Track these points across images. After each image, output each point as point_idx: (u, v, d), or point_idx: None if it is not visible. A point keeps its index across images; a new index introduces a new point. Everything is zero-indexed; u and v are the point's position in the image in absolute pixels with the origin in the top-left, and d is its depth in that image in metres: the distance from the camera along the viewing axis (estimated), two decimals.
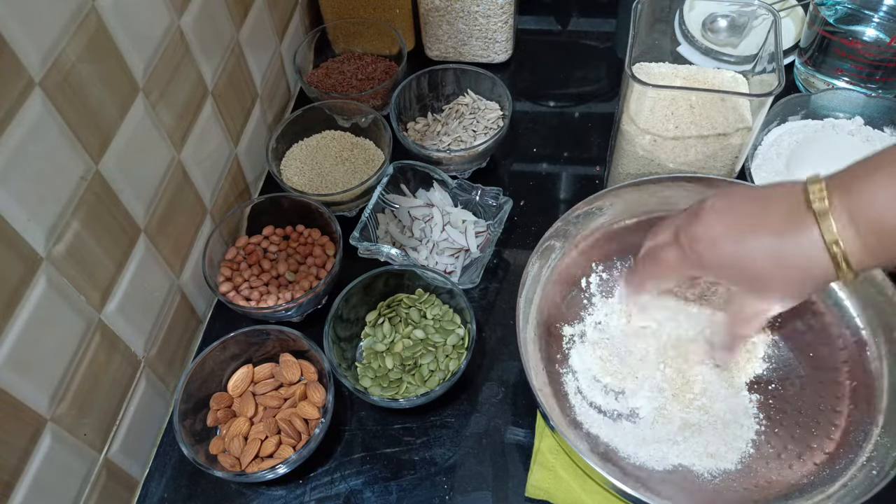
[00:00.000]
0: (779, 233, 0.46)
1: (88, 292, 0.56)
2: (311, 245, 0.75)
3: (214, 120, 0.73)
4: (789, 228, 0.46)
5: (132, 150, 0.60)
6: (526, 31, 1.01)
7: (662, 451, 0.59)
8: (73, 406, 0.56)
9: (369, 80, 0.90)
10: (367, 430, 0.66)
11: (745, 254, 0.48)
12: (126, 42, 0.57)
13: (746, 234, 0.48)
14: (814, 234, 0.45)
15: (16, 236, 0.48)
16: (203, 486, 0.64)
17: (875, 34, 0.78)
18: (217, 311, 0.76)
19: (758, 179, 0.76)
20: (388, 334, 0.68)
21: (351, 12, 0.93)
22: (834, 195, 0.45)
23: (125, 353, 0.62)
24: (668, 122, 0.70)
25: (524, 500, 0.62)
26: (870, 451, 0.57)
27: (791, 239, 0.46)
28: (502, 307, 0.74)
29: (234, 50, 0.76)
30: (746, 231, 0.48)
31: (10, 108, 0.46)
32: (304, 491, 0.63)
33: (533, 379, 0.58)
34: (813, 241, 0.45)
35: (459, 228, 0.76)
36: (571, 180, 0.84)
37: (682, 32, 0.88)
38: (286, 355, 0.67)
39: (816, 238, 0.45)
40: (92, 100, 0.54)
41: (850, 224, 0.44)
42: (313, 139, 0.84)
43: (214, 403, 0.65)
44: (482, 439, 0.65)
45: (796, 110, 0.81)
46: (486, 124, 0.84)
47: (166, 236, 0.67)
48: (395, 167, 0.77)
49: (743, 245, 0.48)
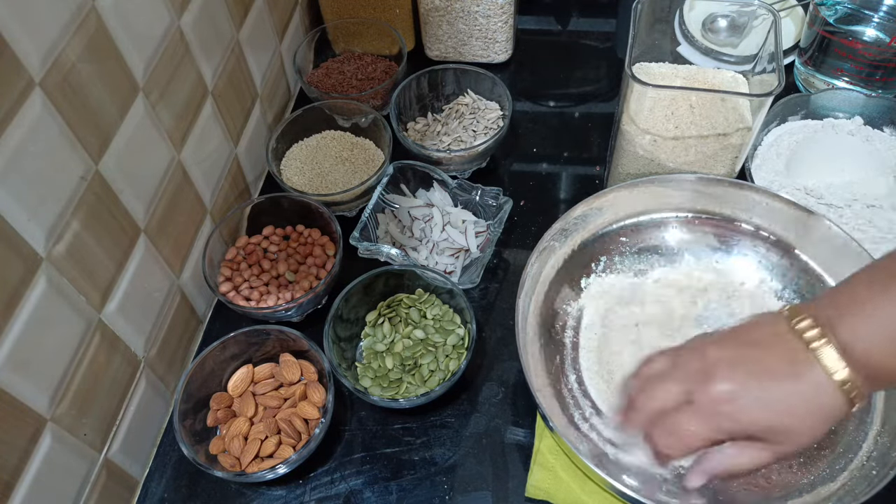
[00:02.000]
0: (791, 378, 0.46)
1: (88, 292, 0.56)
2: (311, 245, 0.75)
3: (214, 120, 0.73)
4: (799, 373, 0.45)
5: (132, 150, 0.60)
6: (526, 31, 1.01)
7: None
8: (73, 406, 0.56)
9: (369, 80, 0.90)
10: (367, 430, 0.66)
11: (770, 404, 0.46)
12: (126, 42, 0.57)
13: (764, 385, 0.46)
14: (821, 374, 0.44)
15: (16, 236, 0.48)
16: (203, 486, 0.64)
17: (875, 34, 0.78)
18: (217, 311, 0.76)
19: (758, 179, 0.76)
20: (388, 334, 0.68)
21: (351, 12, 0.93)
22: (825, 331, 0.45)
23: (125, 353, 0.62)
24: (668, 122, 0.70)
25: (524, 500, 0.62)
26: (870, 451, 0.57)
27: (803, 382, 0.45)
28: (502, 307, 0.74)
29: (234, 50, 0.76)
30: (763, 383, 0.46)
31: (10, 108, 0.46)
32: (304, 491, 0.63)
33: (533, 379, 0.58)
34: (823, 379, 0.44)
35: (459, 228, 0.76)
36: (571, 180, 0.84)
37: (682, 32, 0.88)
38: (286, 355, 0.67)
39: (824, 377, 0.44)
40: (92, 100, 0.54)
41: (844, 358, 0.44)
42: (313, 139, 0.84)
43: (214, 403, 0.65)
44: (482, 439, 0.65)
45: (796, 110, 0.81)
46: (486, 124, 0.84)
47: (166, 236, 0.67)
48: (395, 167, 0.77)
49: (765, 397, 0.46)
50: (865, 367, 0.44)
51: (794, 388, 0.45)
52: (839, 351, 0.44)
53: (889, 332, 0.44)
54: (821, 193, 0.73)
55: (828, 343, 0.44)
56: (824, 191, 0.74)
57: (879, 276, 0.45)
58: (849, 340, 0.44)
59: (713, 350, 0.49)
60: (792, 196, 0.71)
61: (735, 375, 0.47)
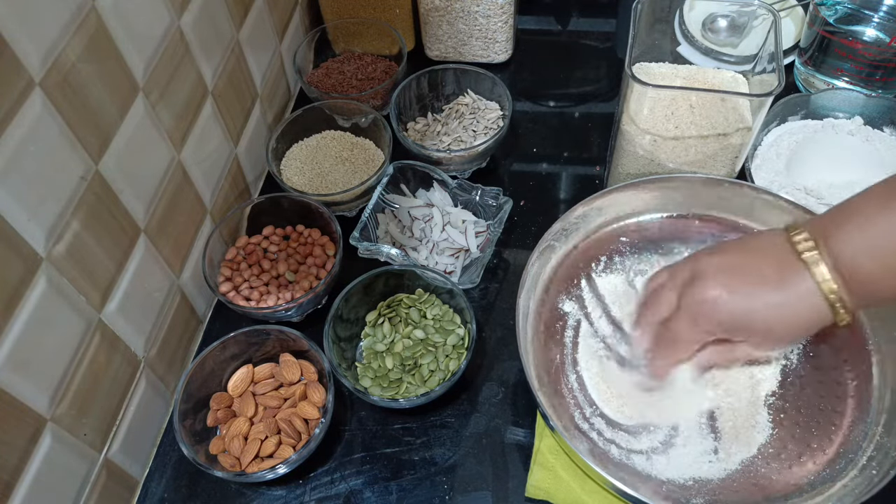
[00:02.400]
0: (777, 286, 0.48)
1: (88, 292, 0.56)
2: (311, 245, 0.75)
3: (214, 120, 0.73)
4: (786, 280, 0.47)
5: (132, 150, 0.60)
6: (526, 31, 1.01)
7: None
8: (73, 406, 0.56)
9: (369, 80, 0.90)
10: (367, 430, 0.66)
11: (752, 309, 0.49)
12: (126, 42, 0.57)
13: (748, 290, 0.49)
14: (809, 283, 0.46)
15: (16, 236, 0.48)
16: (203, 486, 0.64)
17: (875, 34, 0.78)
18: (217, 311, 0.76)
19: (758, 179, 0.76)
20: (388, 334, 0.68)
21: (351, 12, 0.93)
22: (819, 245, 0.46)
23: (125, 353, 0.62)
24: (668, 122, 0.70)
25: (524, 500, 0.62)
26: (870, 451, 0.57)
27: (789, 290, 0.47)
28: (502, 307, 0.74)
29: (234, 50, 0.76)
30: (747, 288, 0.49)
31: (10, 108, 0.46)
32: (304, 491, 0.63)
33: (533, 379, 0.58)
34: (810, 289, 0.47)
35: (459, 228, 0.76)
36: (571, 180, 0.84)
37: (682, 32, 0.88)
38: (286, 355, 0.67)
39: (812, 286, 0.46)
40: (92, 100, 0.54)
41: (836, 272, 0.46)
42: (313, 139, 0.84)
43: (214, 403, 0.65)
44: (482, 439, 0.65)
45: (796, 110, 0.81)
46: (486, 124, 0.84)
47: (166, 236, 0.67)
48: (395, 167, 0.77)
49: (748, 302, 0.49)
50: (854, 281, 0.45)
51: (779, 295, 0.47)
52: (829, 262, 0.45)
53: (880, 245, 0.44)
54: (821, 193, 0.73)
55: (819, 254, 0.46)
56: (824, 191, 0.74)
57: (879, 193, 0.46)
58: (840, 253, 0.45)
59: (705, 256, 0.52)
60: (792, 196, 0.71)
61: (721, 278, 0.49)
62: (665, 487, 0.57)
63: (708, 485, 0.57)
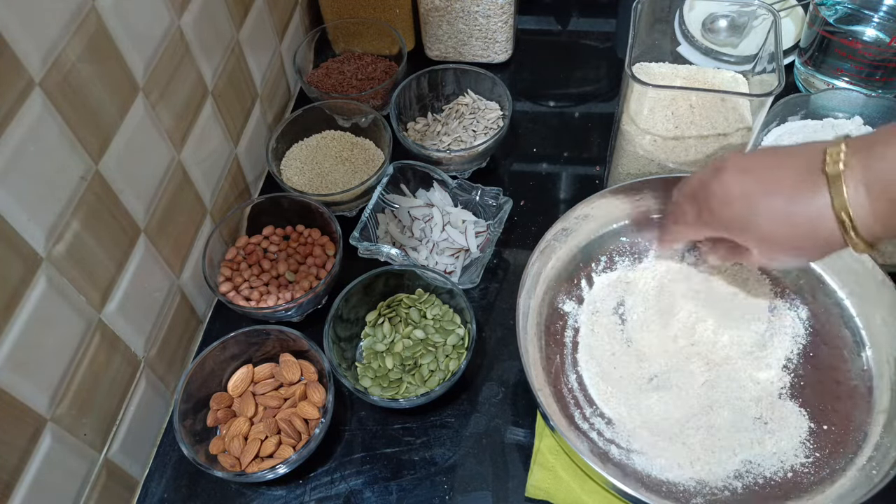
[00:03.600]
0: (790, 195, 0.46)
1: (88, 292, 0.56)
2: (311, 245, 0.75)
3: (214, 120, 0.73)
4: (801, 191, 0.45)
5: (132, 150, 0.60)
6: (526, 31, 1.01)
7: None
8: (73, 406, 0.56)
9: (369, 80, 0.90)
10: (367, 430, 0.66)
11: (756, 214, 0.48)
12: (126, 42, 0.57)
13: (760, 194, 0.47)
14: (824, 198, 0.44)
15: (16, 236, 0.48)
16: (203, 486, 0.64)
17: (875, 34, 0.78)
18: (217, 311, 0.76)
19: None
20: (388, 334, 0.68)
21: (351, 12, 0.93)
22: (853, 159, 0.44)
23: (125, 353, 0.62)
24: (668, 122, 0.70)
25: (524, 500, 0.62)
26: (870, 451, 0.57)
27: (801, 202, 0.45)
28: (502, 307, 0.74)
29: (234, 50, 0.76)
30: (760, 192, 0.48)
31: (10, 108, 0.46)
32: (304, 491, 0.63)
33: (533, 379, 0.58)
34: (822, 205, 0.44)
35: (459, 228, 0.76)
36: (571, 180, 0.84)
37: (682, 32, 0.88)
38: (286, 355, 0.67)
39: (826, 202, 0.44)
40: (92, 100, 0.54)
41: (863, 189, 0.43)
42: (313, 139, 0.84)
43: (214, 403, 0.65)
44: (482, 439, 0.65)
45: (796, 110, 0.81)
46: (486, 124, 0.84)
47: (166, 236, 0.67)
48: (395, 167, 0.77)
49: (755, 205, 0.48)
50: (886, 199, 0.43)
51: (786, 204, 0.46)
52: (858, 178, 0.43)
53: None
54: None
55: (846, 169, 0.43)
56: None
57: None
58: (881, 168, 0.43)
59: (735, 156, 0.51)
60: None
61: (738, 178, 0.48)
62: (665, 487, 0.57)
63: (708, 485, 0.57)
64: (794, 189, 0.46)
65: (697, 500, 0.57)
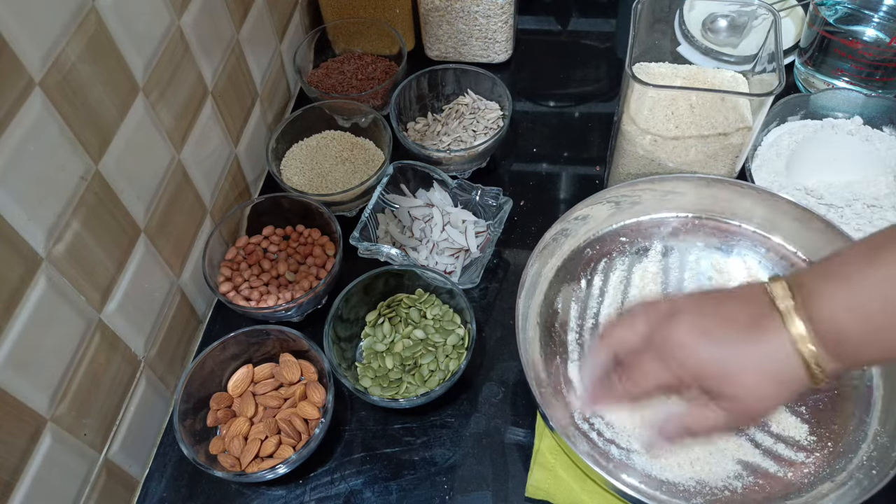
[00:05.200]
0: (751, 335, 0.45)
1: (88, 292, 0.56)
2: (311, 245, 0.75)
3: (214, 120, 0.73)
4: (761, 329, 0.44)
5: (132, 150, 0.60)
6: (526, 31, 1.01)
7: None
8: (73, 406, 0.56)
9: (369, 80, 0.90)
10: (367, 430, 0.66)
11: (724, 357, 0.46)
12: (126, 42, 0.57)
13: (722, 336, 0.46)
14: (784, 335, 0.44)
15: (16, 236, 0.48)
16: (203, 486, 0.64)
17: (875, 34, 0.78)
18: (217, 311, 0.76)
19: (758, 179, 0.76)
20: (388, 334, 0.68)
21: (351, 12, 0.93)
22: (795, 295, 0.44)
23: (125, 353, 0.62)
24: (668, 122, 0.70)
25: (524, 500, 0.62)
26: (870, 451, 0.57)
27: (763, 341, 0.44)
28: (502, 307, 0.74)
29: (234, 50, 0.76)
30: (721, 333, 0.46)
31: (10, 108, 0.46)
32: (304, 491, 0.63)
33: (533, 379, 0.58)
34: (784, 341, 0.44)
35: (459, 228, 0.76)
36: (571, 180, 0.84)
37: (682, 32, 0.88)
38: (286, 355, 0.67)
39: (786, 338, 0.43)
40: (92, 100, 0.54)
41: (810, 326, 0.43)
42: (313, 139, 0.84)
43: (214, 403, 0.65)
44: (482, 439, 0.65)
45: (796, 110, 0.81)
46: (486, 124, 0.84)
47: (166, 236, 0.67)
48: (395, 167, 0.77)
49: (721, 348, 0.46)
50: (832, 340, 0.42)
51: (752, 347, 0.45)
52: (806, 319, 0.43)
53: (861, 303, 0.42)
54: (821, 193, 0.74)
55: (796, 309, 0.43)
56: (824, 191, 0.74)
57: (862, 250, 0.44)
58: (819, 309, 0.43)
59: (685, 299, 0.50)
60: (792, 196, 0.71)
61: (696, 321, 0.47)
62: (665, 487, 0.57)
63: (708, 485, 0.57)
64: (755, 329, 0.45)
65: (697, 500, 0.57)
